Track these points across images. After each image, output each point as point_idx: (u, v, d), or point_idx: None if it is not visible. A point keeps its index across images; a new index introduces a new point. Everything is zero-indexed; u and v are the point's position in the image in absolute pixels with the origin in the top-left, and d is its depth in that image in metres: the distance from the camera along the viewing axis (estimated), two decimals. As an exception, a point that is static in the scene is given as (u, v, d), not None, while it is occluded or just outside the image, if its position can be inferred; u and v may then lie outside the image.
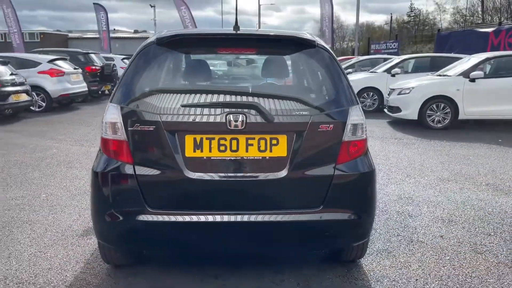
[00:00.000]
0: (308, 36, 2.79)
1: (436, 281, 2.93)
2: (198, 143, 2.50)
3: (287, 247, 2.77)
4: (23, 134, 8.44)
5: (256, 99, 2.57)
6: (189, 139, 2.50)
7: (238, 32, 2.72)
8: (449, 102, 8.93)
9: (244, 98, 2.65)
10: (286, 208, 2.56)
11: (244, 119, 2.47)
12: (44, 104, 11.73)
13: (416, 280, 2.94)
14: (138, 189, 2.52)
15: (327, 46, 2.84)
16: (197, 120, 2.48)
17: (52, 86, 11.72)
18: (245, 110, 2.49)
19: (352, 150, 2.62)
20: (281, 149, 2.52)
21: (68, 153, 6.79)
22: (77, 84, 12.55)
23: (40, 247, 3.42)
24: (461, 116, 8.95)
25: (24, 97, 10.28)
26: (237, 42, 2.75)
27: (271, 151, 2.52)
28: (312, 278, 2.92)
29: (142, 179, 2.52)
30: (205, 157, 2.51)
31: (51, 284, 2.85)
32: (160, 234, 2.61)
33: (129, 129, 2.52)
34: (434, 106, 9.01)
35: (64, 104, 12.66)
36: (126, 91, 2.60)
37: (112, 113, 2.55)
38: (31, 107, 11.15)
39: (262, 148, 2.52)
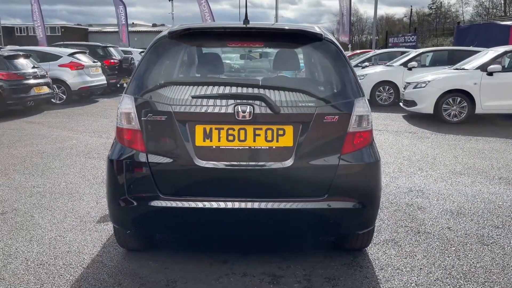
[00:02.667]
0: (316, 30, 2.85)
1: (440, 270, 2.99)
2: (207, 133, 2.61)
3: (292, 233, 2.86)
4: (44, 126, 8.72)
5: (264, 91, 2.66)
6: (199, 129, 2.61)
7: (248, 26, 2.81)
8: (466, 96, 8.83)
9: (252, 90, 2.74)
10: (292, 196, 2.65)
11: (252, 110, 2.56)
12: (64, 97, 12.02)
13: (420, 269, 3.01)
14: (150, 176, 2.65)
15: (334, 39, 2.91)
16: (206, 110, 2.59)
17: (72, 79, 12.01)
18: (253, 101, 2.58)
19: (357, 141, 2.69)
20: (287, 139, 2.61)
21: (87, 144, 7.01)
22: (96, 77, 12.82)
23: (60, 231, 3.59)
24: (478, 111, 8.84)
25: (45, 90, 10.56)
26: (246, 35, 2.84)
27: (277, 141, 2.61)
28: (318, 265, 3.01)
29: (154, 166, 2.65)
30: (214, 146, 2.61)
31: (69, 265, 3.02)
32: (172, 219, 2.74)
33: (142, 119, 2.64)
34: (450, 100, 8.92)
35: (84, 96, 12.94)
36: (139, 83, 2.72)
37: (127, 103, 2.68)
38: (52, 100, 11.45)
39: (269, 138, 2.61)
